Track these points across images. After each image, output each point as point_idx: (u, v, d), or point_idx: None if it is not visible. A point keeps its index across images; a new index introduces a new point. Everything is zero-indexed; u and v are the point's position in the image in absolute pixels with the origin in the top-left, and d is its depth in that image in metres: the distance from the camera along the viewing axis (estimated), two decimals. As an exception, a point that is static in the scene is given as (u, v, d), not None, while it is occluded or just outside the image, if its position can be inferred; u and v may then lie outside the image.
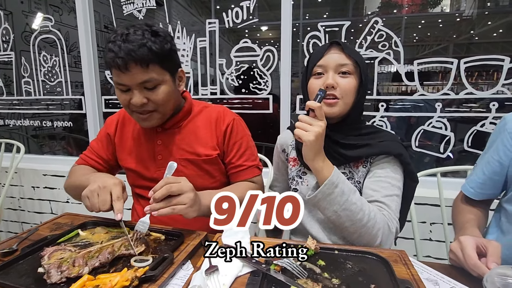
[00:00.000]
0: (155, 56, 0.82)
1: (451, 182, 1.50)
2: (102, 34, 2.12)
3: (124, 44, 0.79)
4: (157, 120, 0.92)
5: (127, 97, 0.86)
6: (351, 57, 0.83)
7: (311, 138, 0.72)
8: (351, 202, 0.74)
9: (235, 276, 0.62)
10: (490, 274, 0.44)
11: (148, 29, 0.84)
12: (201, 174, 0.99)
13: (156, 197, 0.74)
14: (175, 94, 0.93)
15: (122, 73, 0.82)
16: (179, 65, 0.95)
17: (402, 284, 0.56)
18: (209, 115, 1.02)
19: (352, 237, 0.78)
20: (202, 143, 0.99)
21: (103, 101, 2.07)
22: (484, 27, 1.73)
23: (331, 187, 0.74)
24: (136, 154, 1.02)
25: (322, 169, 0.76)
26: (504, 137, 0.81)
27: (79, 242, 0.76)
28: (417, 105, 1.63)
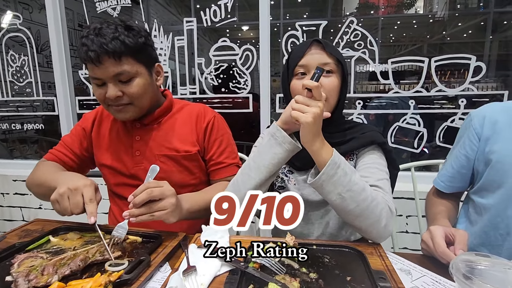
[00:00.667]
0: (127, 49, 0.82)
1: (425, 176, 1.57)
2: (76, 32, 2.04)
3: (96, 38, 0.80)
4: (133, 113, 0.91)
5: (102, 91, 0.86)
6: (332, 56, 0.82)
7: (309, 119, 0.67)
8: (354, 182, 0.71)
9: (214, 275, 0.61)
10: (455, 261, 0.46)
11: (121, 24, 0.85)
12: (180, 170, 0.98)
13: (136, 202, 0.71)
14: (151, 87, 0.93)
15: (95, 67, 0.82)
16: (155, 59, 0.94)
17: (376, 275, 0.58)
18: (189, 112, 1.02)
19: (356, 221, 0.73)
20: (182, 139, 0.98)
21: (77, 102, 1.99)
22: (455, 28, 1.82)
23: (334, 168, 0.70)
24: (113, 149, 0.99)
25: (321, 150, 0.71)
26: (470, 132, 0.85)
27: (50, 249, 0.73)
28: (392, 102, 1.69)
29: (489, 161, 0.79)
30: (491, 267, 0.46)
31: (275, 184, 0.96)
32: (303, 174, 0.90)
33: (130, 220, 0.72)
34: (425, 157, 1.70)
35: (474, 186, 0.87)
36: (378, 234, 0.73)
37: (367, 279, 0.59)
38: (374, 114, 1.73)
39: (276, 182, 0.95)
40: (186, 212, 0.83)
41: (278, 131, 0.75)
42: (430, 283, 0.61)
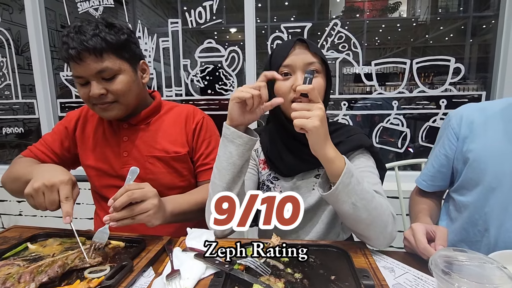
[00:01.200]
0: (109, 46, 0.82)
1: (409, 175, 1.60)
2: (58, 34, 1.99)
3: (76, 35, 0.80)
4: (118, 110, 0.89)
5: (86, 91, 0.85)
6: (317, 55, 0.79)
7: (316, 123, 0.63)
8: (366, 190, 0.68)
9: (198, 279, 0.60)
10: (434, 257, 0.47)
11: (102, 21, 0.84)
12: (170, 171, 0.96)
13: (116, 205, 0.69)
14: (136, 85, 0.91)
15: (77, 65, 0.81)
16: (140, 56, 0.93)
17: (360, 273, 0.58)
18: (178, 113, 1.01)
19: (366, 230, 0.70)
20: (171, 140, 0.97)
21: (58, 104, 1.94)
22: (437, 31, 1.88)
23: (349, 176, 0.65)
24: (99, 150, 0.97)
25: (335, 158, 0.67)
26: (448, 132, 0.87)
27: (28, 256, 0.70)
28: (377, 103, 1.72)
29: (467, 159, 0.81)
30: (468, 261, 0.47)
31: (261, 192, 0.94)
32: (289, 180, 0.89)
33: (110, 225, 0.70)
34: (410, 157, 1.74)
35: (454, 184, 0.89)
36: (385, 240, 0.71)
37: (351, 278, 0.59)
38: (360, 115, 1.76)
39: (262, 190, 0.93)
40: (169, 215, 0.81)
41: (227, 129, 0.74)
42: (412, 280, 0.62)
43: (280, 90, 0.80)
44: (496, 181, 0.76)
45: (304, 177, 0.88)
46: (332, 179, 0.68)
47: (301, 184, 0.88)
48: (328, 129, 0.68)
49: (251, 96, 0.69)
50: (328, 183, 0.72)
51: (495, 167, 0.76)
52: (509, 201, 0.74)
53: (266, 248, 0.69)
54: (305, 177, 0.88)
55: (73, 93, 1.90)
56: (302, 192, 0.88)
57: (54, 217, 1.91)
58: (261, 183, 0.93)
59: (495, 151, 0.77)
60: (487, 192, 0.77)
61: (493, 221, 0.77)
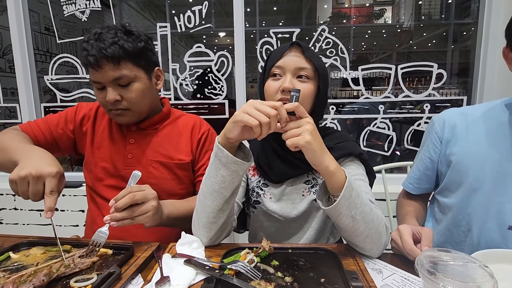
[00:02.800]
0: (126, 54, 0.85)
1: (395, 177, 1.64)
2: (42, 36, 1.94)
3: (96, 43, 0.83)
4: (131, 117, 0.92)
5: (103, 95, 0.87)
6: (311, 61, 0.78)
7: (307, 137, 0.62)
8: (365, 203, 0.67)
9: (188, 285, 0.60)
10: (420, 257, 0.48)
11: (121, 28, 0.87)
12: (172, 177, 0.98)
13: (118, 206, 0.70)
14: (150, 92, 0.94)
15: (95, 71, 0.85)
16: (155, 64, 0.96)
17: (349, 275, 0.59)
18: (186, 122, 1.04)
19: (362, 242, 0.70)
20: (176, 148, 0.99)
21: (42, 109, 1.89)
22: (421, 37, 1.94)
23: (350, 190, 0.64)
24: (104, 149, 0.98)
25: (337, 170, 0.65)
26: (432, 136, 0.90)
27: (10, 266, 0.68)
28: (364, 107, 1.76)
29: (450, 162, 0.84)
30: (452, 261, 0.49)
31: (250, 198, 0.93)
32: (278, 187, 0.89)
33: (111, 225, 0.71)
34: (396, 160, 1.78)
35: (438, 187, 0.92)
36: (379, 250, 0.71)
37: (340, 280, 0.60)
38: (350, 119, 1.79)
39: (252, 197, 0.92)
40: (166, 218, 0.83)
41: (219, 150, 0.67)
42: (399, 280, 0.63)
43: (269, 91, 0.80)
44: (478, 183, 0.78)
45: (293, 183, 0.88)
46: (332, 191, 0.67)
47: (291, 191, 0.88)
48: (322, 140, 0.66)
49: (258, 125, 0.61)
50: (326, 195, 0.71)
51: (476, 169, 0.79)
52: (490, 202, 0.77)
53: (256, 252, 0.69)
54: (295, 184, 0.88)
55: (58, 97, 1.86)
56: (292, 198, 0.88)
57: (37, 225, 1.85)
58: (250, 190, 0.93)
59: (476, 154, 0.80)
60: (469, 194, 0.80)
61: (475, 221, 0.79)
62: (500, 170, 0.76)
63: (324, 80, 0.80)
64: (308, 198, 0.87)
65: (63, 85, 1.86)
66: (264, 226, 0.92)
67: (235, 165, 0.68)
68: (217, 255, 0.71)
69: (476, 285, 0.43)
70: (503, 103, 0.82)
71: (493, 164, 0.77)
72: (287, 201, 0.88)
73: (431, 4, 1.89)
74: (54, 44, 1.89)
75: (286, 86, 0.76)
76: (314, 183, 0.87)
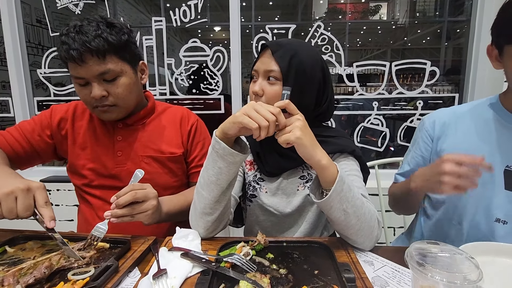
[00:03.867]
0: (111, 47, 0.81)
1: (388, 173, 1.67)
2: (33, 28, 1.90)
3: (78, 36, 0.78)
4: (118, 113, 0.89)
5: (87, 92, 0.83)
6: (278, 64, 0.78)
7: (298, 133, 0.63)
8: (356, 197, 0.69)
9: (185, 277, 0.61)
10: (410, 249, 0.50)
11: (102, 21, 0.83)
12: (165, 171, 0.97)
13: (120, 202, 0.71)
14: (136, 86, 0.92)
15: (78, 66, 0.79)
16: (139, 57, 0.93)
17: (342, 267, 0.61)
18: (173, 114, 1.02)
19: (354, 235, 0.71)
20: (167, 141, 0.98)
21: (35, 102, 1.86)
22: (415, 34, 1.96)
23: (342, 184, 0.66)
24: (90, 150, 0.95)
25: (329, 164, 0.67)
26: (423, 134, 0.92)
27: (6, 259, 0.68)
28: (358, 104, 1.78)
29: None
30: (440, 253, 0.51)
31: (247, 192, 0.94)
32: (274, 181, 0.90)
33: (111, 221, 0.72)
34: (389, 155, 1.81)
35: None
36: (370, 243, 0.73)
37: (333, 271, 0.62)
38: (345, 115, 1.81)
39: (248, 191, 0.94)
40: (164, 215, 0.84)
41: (217, 143, 0.69)
42: (390, 272, 0.65)
43: (250, 93, 0.85)
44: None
45: (289, 178, 0.90)
46: (325, 185, 0.69)
47: (286, 185, 0.90)
48: (313, 135, 0.68)
49: (257, 128, 0.62)
50: (319, 189, 0.73)
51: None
52: (480, 196, 0.79)
53: (251, 245, 0.71)
54: (290, 178, 0.90)
55: (51, 91, 1.83)
56: (287, 193, 0.90)
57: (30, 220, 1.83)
58: (247, 184, 0.94)
59: (465, 150, 0.82)
60: None
61: (466, 215, 0.82)
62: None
63: (299, 81, 0.78)
64: (303, 193, 0.88)
65: (56, 79, 1.84)
66: (259, 220, 0.94)
67: (232, 157, 0.69)
68: (213, 249, 0.73)
69: (462, 275, 0.45)
70: (488, 101, 0.85)
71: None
72: (282, 195, 0.90)
73: (425, 1, 1.90)
74: (46, 37, 1.86)
75: (255, 90, 0.80)
76: (309, 179, 0.89)
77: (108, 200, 0.76)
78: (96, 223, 0.73)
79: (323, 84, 0.83)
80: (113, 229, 0.79)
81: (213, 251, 0.71)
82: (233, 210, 0.87)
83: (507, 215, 0.76)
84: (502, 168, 0.77)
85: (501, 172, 0.77)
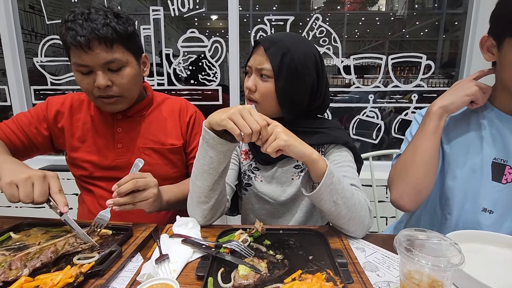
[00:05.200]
0: (119, 36, 0.82)
1: (382, 164, 1.71)
2: (26, 14, 1.87)
3: (86, 23, 0.78)
4: (123, 105, 0.91)
5: (90, 81, 0.83)
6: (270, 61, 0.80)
7: (283, 137, 0.66)
8: (346, 188, 0.72)
9: (186, 262, 0.64)
10: (398, 236, 0.53)
11: (109, 10, 0.84)
12: (165, 162, 0.99)
13: (121, 191, 0.73)
14: (139, 78, 0.93)
15: (84, 53, 0.79)
16: (142, 50, 0.94)
17: (335, 253, 0.65)
18: (172, 105, 1.03)
19: (345, 225, 0.74)
20: (167, 133, 1.00)
21: (32, 91, 1.85)
22: (413, 26, 1.96)
23: (331, 177, 0.69)
24: (89, 142, 0.96)
25: (319, 158, 0.70)
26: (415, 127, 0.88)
27: (12, 245, 0.70)
28: (355, 96, 1.80)
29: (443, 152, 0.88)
30: (427, 239, 0.54)
31: (242, 181, 0.97)
32: (268, 170, 0.93)
33: (113, 209, 0.74)
34: (384, 147, 1.85)
35: None
36: (362, 232, 0.76)
37: (327, 257, 0.66)
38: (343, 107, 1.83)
39: (243, 180, 0.96)
40: (165, 203, 0.86)
41: (206, 133, 0.71)
42: (380, 258, 0.69)
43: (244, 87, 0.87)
44: (458, 168, 0.83)
45: (283, 167, 0.92)
46: (316, 179, 0.72)
47: (281, 174, 0.93)
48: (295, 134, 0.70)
49: (239, 134, 0.64)
50: (310, 182, 0.76)
51: (457, 155, 0.84)
52: (469, 186, 0.82)
53: (249, 233, 0.74)
54: (285, 167, 0.92)
55: (48, 80, 1.82)
56: (282, 181, 0.93)
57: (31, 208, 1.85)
58: (242, 173, 0.97)
59: (457, 139, 0.84)
60: (452, 179, 0.85)
61: (455, 204, 0.85)
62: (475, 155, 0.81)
63: (288, 78, 0.80)
64: (297, 182, 0.92)
65: (50, 68, 1.81)
66: (254, 208, 0.97)
67: (221, 146, 0.71)
68: (212, 236, 0.76)
69: (446, 259, 0.48)
70: None
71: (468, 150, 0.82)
72: (277, 184, 0.93)
73: (424, -7, 1.90)
74: (39, 23, 1.83)
75: (247, 85, 0.84)
76: (303, 168, 0.92)
77: (109, 190, 0.78)
78: (98, 211, 0.75)
79: (316, 80, 0.84)
80: (115, 217, 0.81)
81: (213, 238, 0.74)
82: (229, 198, 0.90)
83: (494, 204, 0.80)
84: (490, 160, 0.80)
85: (489, 164, 0.80)
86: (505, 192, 0.78)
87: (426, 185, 0.82)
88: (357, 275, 0.59)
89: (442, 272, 0.48)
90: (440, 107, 0.79)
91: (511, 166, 0.78)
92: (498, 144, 0.80)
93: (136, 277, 0.58)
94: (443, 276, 0.48)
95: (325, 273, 0.59)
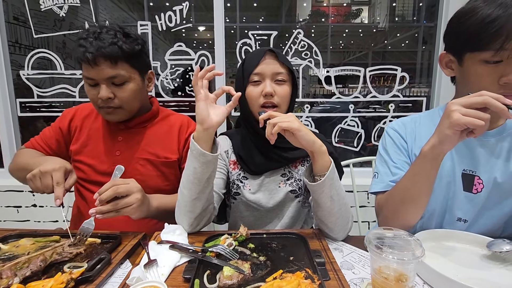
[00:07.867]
0: (124, 54, 0.89)
1: (363, 171, 1.79)
2: (10, 26, 1.86)
3: (95, 41, 0.87)
4: (122, 115, 0.97)
5: (95, 92, 0.91)
6: (285, 65, 0.90)
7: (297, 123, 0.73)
8: (341, 188, 0.79)
9: (174, 266, 0.67)
10: (368, 235, 0.59)
11: (120, 30, 0.92)
12: (158, 174, 1.03)
13: (102, 198, 0.75)
14: (141, 93, 0.99)
15: (90, 68, 0.88)
16: (149, 66, 1.01)
17: (314, 253, 0.69)
18: (174, 121, 1.09)
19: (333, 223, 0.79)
20: (163, 146, 1.04)
21: (18, 104, 1.84)
22: (395, 38, 2.07)
23: (333, 172, 0.76)
24: (91, 147, 1.02)
25: (326, 152, 0.76)
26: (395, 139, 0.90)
27: (1, 256, 0.72)
28: (335, 106, 1.89)
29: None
30: (395, 238, 0.60)
31: (231, 190, 0.99)
32: (257, 178, 0.97)
33: (96, 217, 0.75)
34: (365, 155, 1.93)
35: None
36: (344, 233, 0.82)
37: (306, 257, 0.70)
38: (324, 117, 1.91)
39: (232, 189, 0.99)
40: (154, 210, 0.89)
41: (192, 144, 0.77)
42: (356, 257, 0.74)
43: (251, 96, 0.91)
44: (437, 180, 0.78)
45: (271, 176, 0.97)
46: (318, 171, 0.76)
47: (269, 182, 0.97)
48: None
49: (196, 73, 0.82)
50: (311, 175, 0.80)
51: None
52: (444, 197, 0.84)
53: (234, 237, 0.78)
54: (272, 176, 0.97)
55: (34, 93, 1.82)
56: (270, 189, 0.97)
57: (13, 221, 1.82)
58: (231, 183, 1.00)
59: None
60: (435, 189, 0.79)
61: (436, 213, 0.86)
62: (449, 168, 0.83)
63: (296, 80, 0.93)
64: (284, 190, 0.96)
65: (34, 80, 1.80)
66: (243, 215, 1.01)
67: (204, 157, 0.76)
68: (199, 241, 0.79)
69: (410, 253, 0.54)
70: (441, 108, 0.90)
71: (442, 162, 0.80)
72: (265, 191, 0.97)
73: (404, 6, 2.01)
74: (23, 35, 1.84)
75: (268, 90, 0.88)
76: (289, 176, 0.97)
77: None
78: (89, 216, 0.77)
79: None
80: (102, 226, 0.84)
81: (199, 243, 0.77)
82: (217, 206, 0.93)
83: (466, 214, 0.83)
84: (460, 172, 0.83)
85: (460, 175, 0.83)
86: (476, 202, 0.81)
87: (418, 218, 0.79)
88: (334, 273, 0.64)
89: (406, 265, 0.54)
90: (432, 147, 0.68)
91: (479, 176, 0.81)
92: (465, 156, 0.83)
93: (125, 281, 0.61)
94: (407, 269, 0.54)
95: (304, 272, 0.63)
